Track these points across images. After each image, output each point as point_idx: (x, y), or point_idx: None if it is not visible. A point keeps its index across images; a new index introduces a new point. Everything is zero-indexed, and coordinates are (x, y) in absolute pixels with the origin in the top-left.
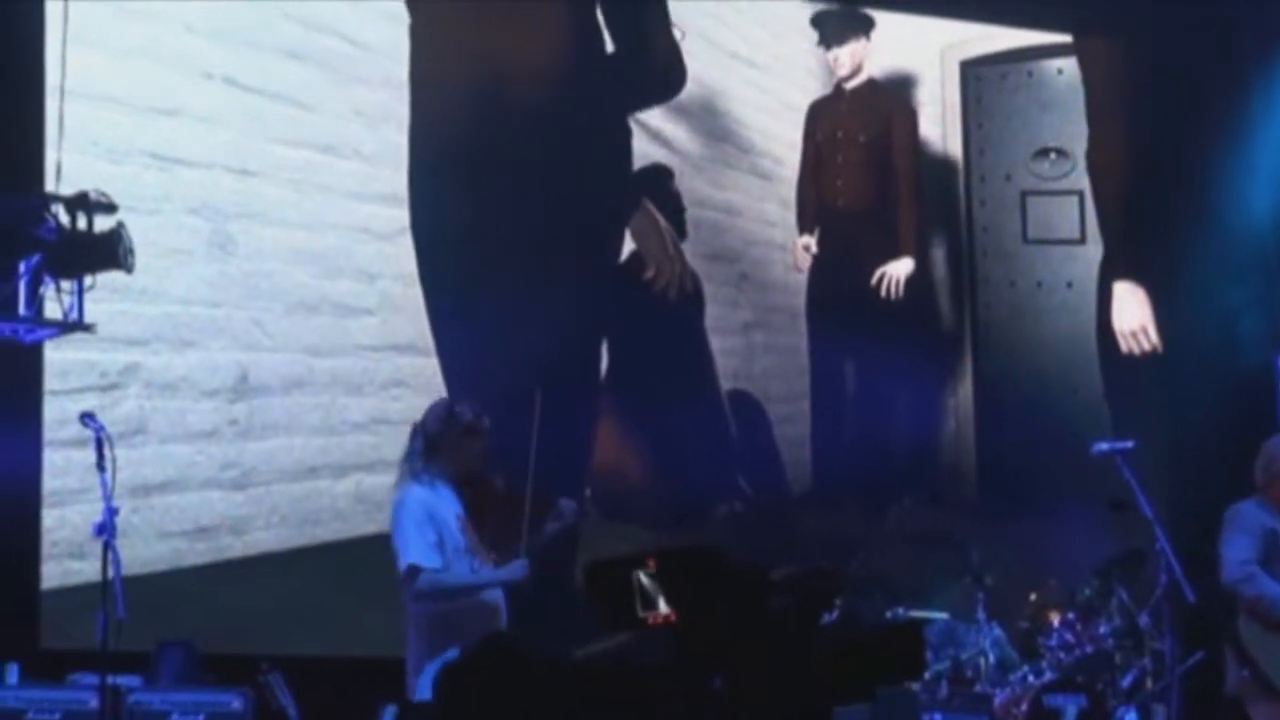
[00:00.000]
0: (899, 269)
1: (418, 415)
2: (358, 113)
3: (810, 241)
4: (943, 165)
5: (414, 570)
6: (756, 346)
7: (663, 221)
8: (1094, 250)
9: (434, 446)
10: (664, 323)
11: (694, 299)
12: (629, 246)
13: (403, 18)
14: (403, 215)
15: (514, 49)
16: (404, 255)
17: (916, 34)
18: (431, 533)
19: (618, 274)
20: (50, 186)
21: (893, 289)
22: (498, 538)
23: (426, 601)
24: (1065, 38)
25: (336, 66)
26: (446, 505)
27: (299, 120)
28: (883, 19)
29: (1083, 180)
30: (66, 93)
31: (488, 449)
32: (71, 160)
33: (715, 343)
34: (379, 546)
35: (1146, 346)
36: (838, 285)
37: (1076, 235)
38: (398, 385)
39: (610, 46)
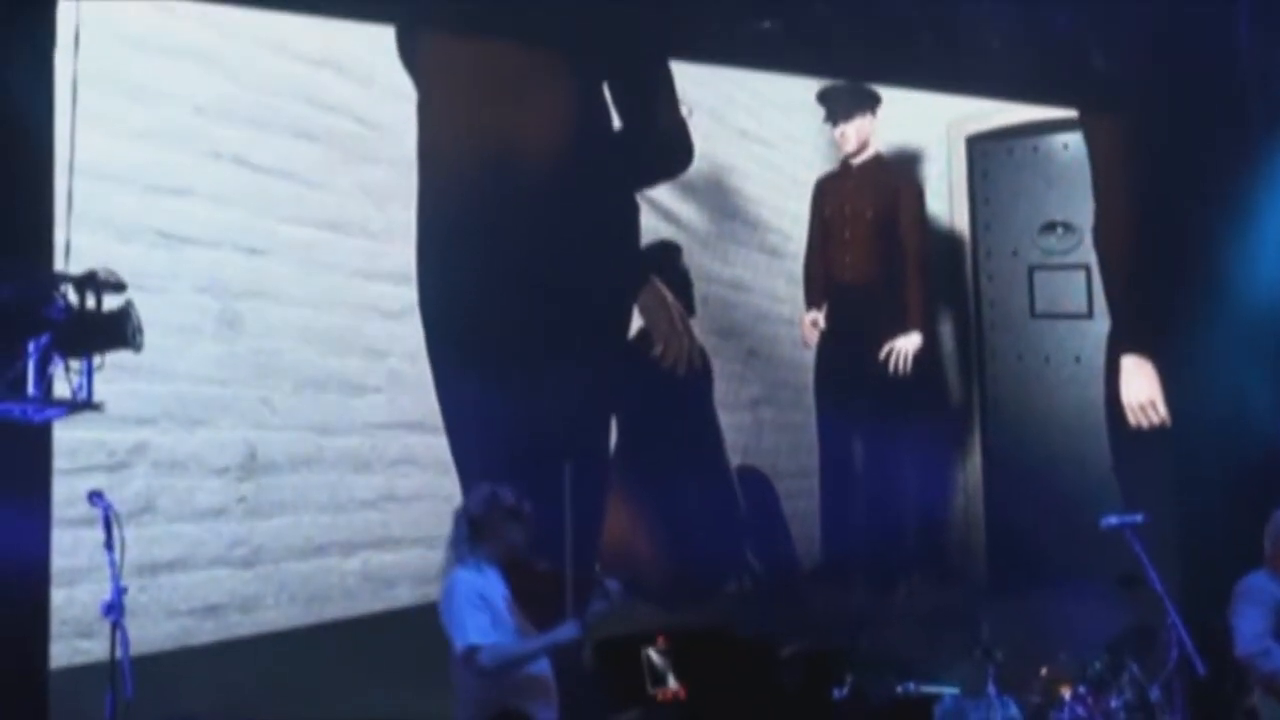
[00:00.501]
0: (907, 344)
1: (425, 493)
2: (365, 191)
3: (818, 317)
4: (950, 240)
5: (473, 650)
6: (765, 422)
7: (671, 298)
8: (1101, 324)
9: (478, 530)
10: (673, 399)
11: (703, 375)
12: (638, 323)
13: (410, 96)
14: (411, 293)
15: (522, 126)
16: (412, 333)
17: (923, 110)
18: (485, 612)
19: (627, 350)
20: (59, 265)
21: (901, 364)
22: (544, 619)
23: (489, 679)
24: (1070, 113)
25: (344, 145)
26: (494, 588)
27: (306, 199)
28: (889, 95)
29: (1089, 255)
30: (76, 172)
31: (531, 531)
32: (80, 239)
33: (724, 418)
34: (387, 624)
35: (1155, 420)
36: (846, 360)
37: (1084, 309)
38: (406, 463)
39: (618, 124)
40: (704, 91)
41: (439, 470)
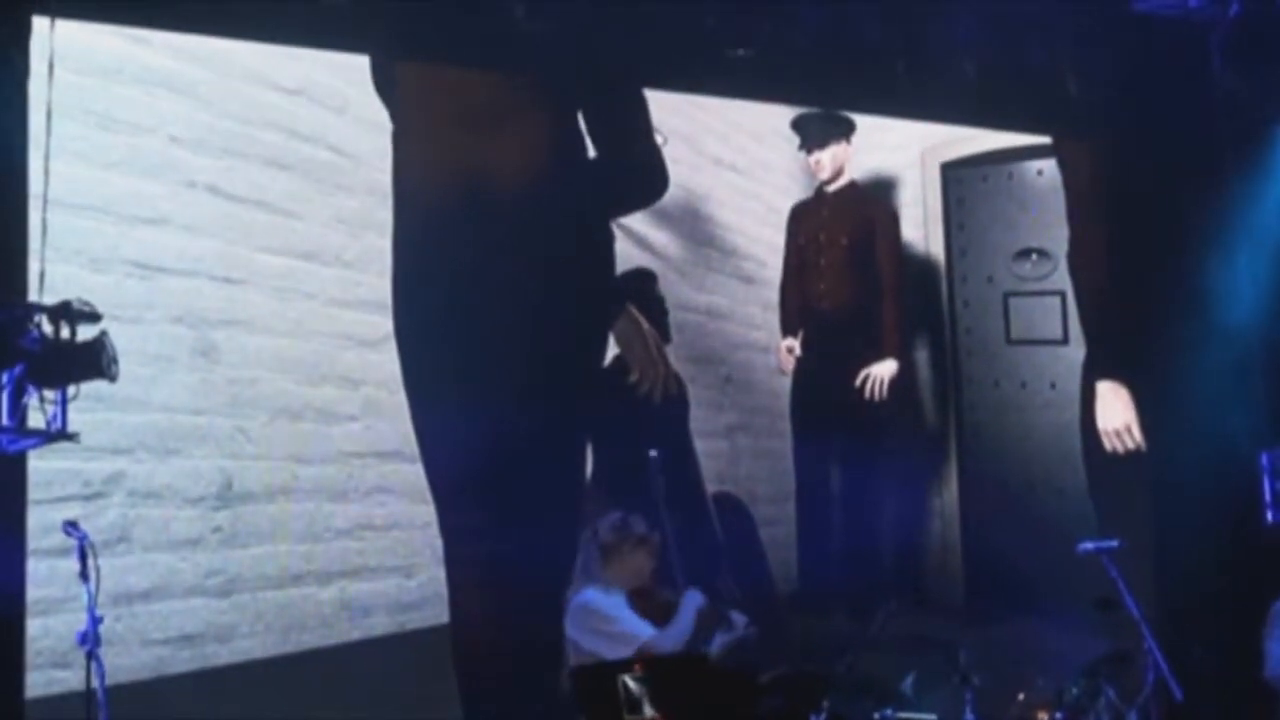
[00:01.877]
0: (883, 370)
1: (402, 521)
2: (340, 220)
3: (794, 344)
4: (925, 267)
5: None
6: (742, 449)
7: (646, 325)
8: (1077, 350)
9: (607, 556)
10: (648, 426)
11: (679, 402)
12: (613, 350)
13: (385, 125)
14: (386, 322)
15: (496, 154)
16: (387, 361)
17: (897, 137)
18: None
19: (602, 378)
20: (33, 296)
21: (876, 390)
22: None
23: None
24: (1045, 139)
25: (319, 174)
26: (619, 612)
27: (281, 228)
28: (863, 122)
29: (1064, 281)
30: (49, 202)
31: (657, 560)
32: (54, 270)
33: (700, 445)
34: (364, 653)
35: (1130, 445)
36: (821, 387)
37: (1059, 335)
38: (382, 491)
39: (593, 152)
40: (678, 119)
41: (415, 499)
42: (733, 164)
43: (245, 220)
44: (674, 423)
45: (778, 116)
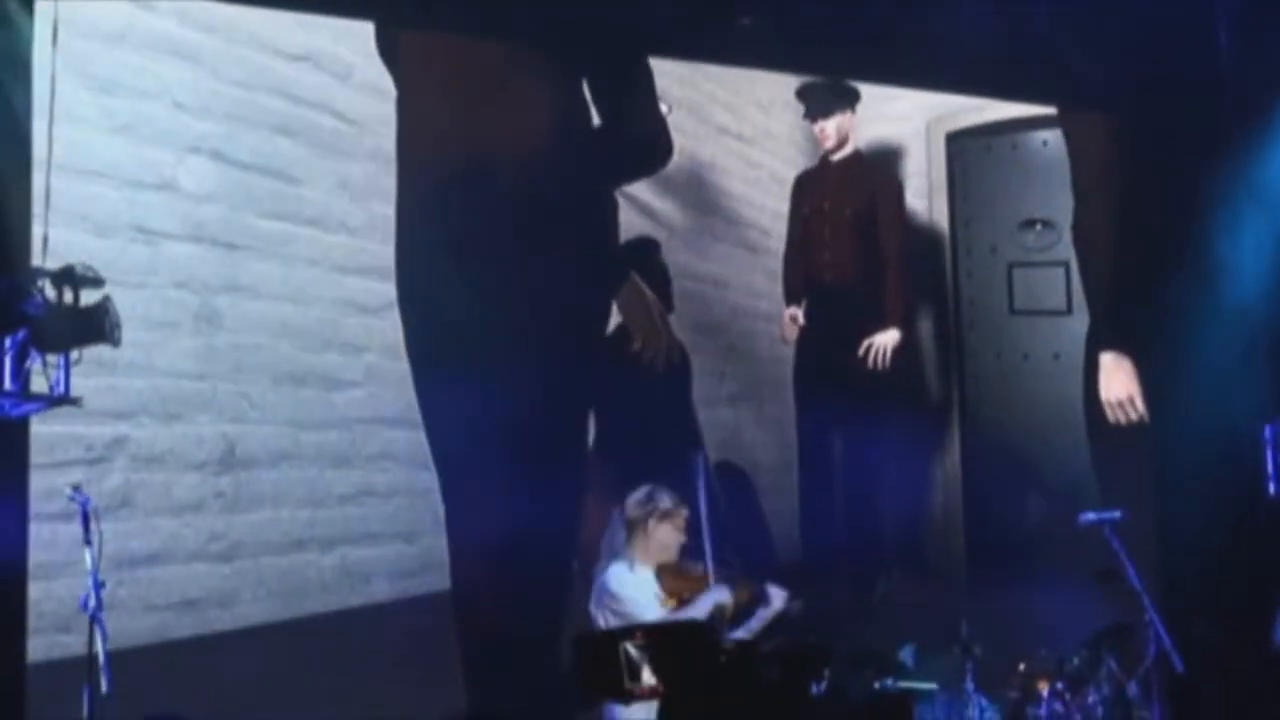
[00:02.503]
0: (885, 340)
1: (403, 488)
2: (344, 186)
3: (797, 313)
4: (929, 237)
5: None
6: (744, 418)
7: (650, 294)
8: (1080, 321)
9: (631, 531)
10: (651, 395)
11: (681, 371)
12: (616, 319)
13: (389, 92)
14: (389, 289)
15: (500, 122)
16: (390, 328)
17: (902, 106)
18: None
19: (605, 346)
20: (36, 260)
21: (879, 360)
22: None
23: None
24: (1050, 110)
25: (323, 140)
26: (644, 587)
27: (286, 194)
28: (868, 92)
29: (1068, 251)
30: (53, 167)
31: (685, 535)
32: (58, 234)
33: (702, 414)
34: (364, 619)
35: (1133, 416)
36: (824, 357)
37: (1063, 306)
38: (385, 458)
39: (598, 120)
40: (683, 88)
41: (417, 465)
42: (738, 133)
43: (249, 186)
44: (676, 391)
45: (783, 85)
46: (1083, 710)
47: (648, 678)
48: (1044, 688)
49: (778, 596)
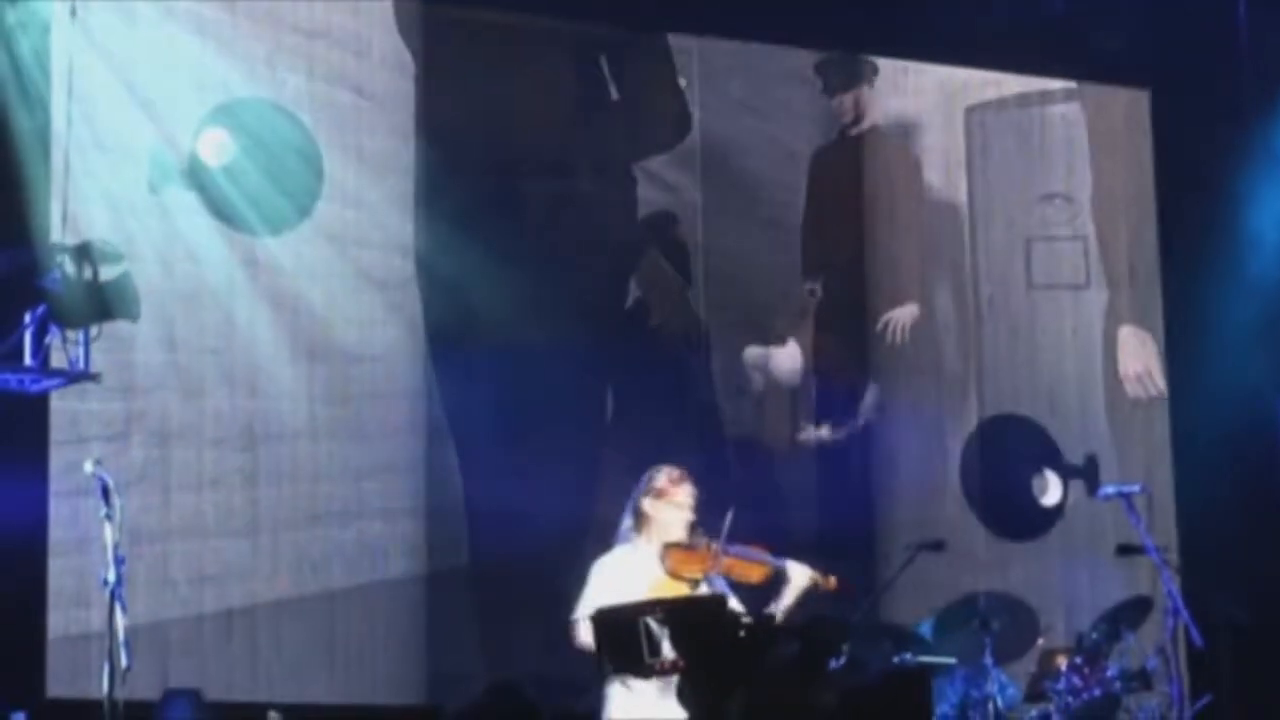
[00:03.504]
0: (904, 315)
1: (423, 463)
2: (363, 161)
3: (815, 287)
4: (947, 211)
5: (569, 623)
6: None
7: (669, 268)
8: (1098, 295)
9: (635, 513)
10: (669, 370)
11: (700, 346)
12: (636, 294)
13: (409, 68)
14: (408, 264)
15: (519, 98)
16: (410, 303)
17: (920, 81)
18: (609, 595)
19: (624, 321)
20: (56, 236)
21: (897, 335)
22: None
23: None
24: (1070, 84)
25: (342, 116)
26: (644, 568)
27: (304, 169)
28: (887, 66)
29: (1087, 226)
30: (73, 143)
31: (691, 514)
32: (77, 210)
33: (721, 389)
34: (383, 594)
35: (1152, 391)
36: (842, 331)
37: (1081, 280)
38: (403, 433)
39: (615, 95)
40: (701, 63)
41: (433, 440)
42: (756, 107)
43: (266, 161)
44: (694, 366)
45: (801, 60)
46: (1101, 684)
47: (668, 652)
48: (1062, 662)
49: (800, 573)
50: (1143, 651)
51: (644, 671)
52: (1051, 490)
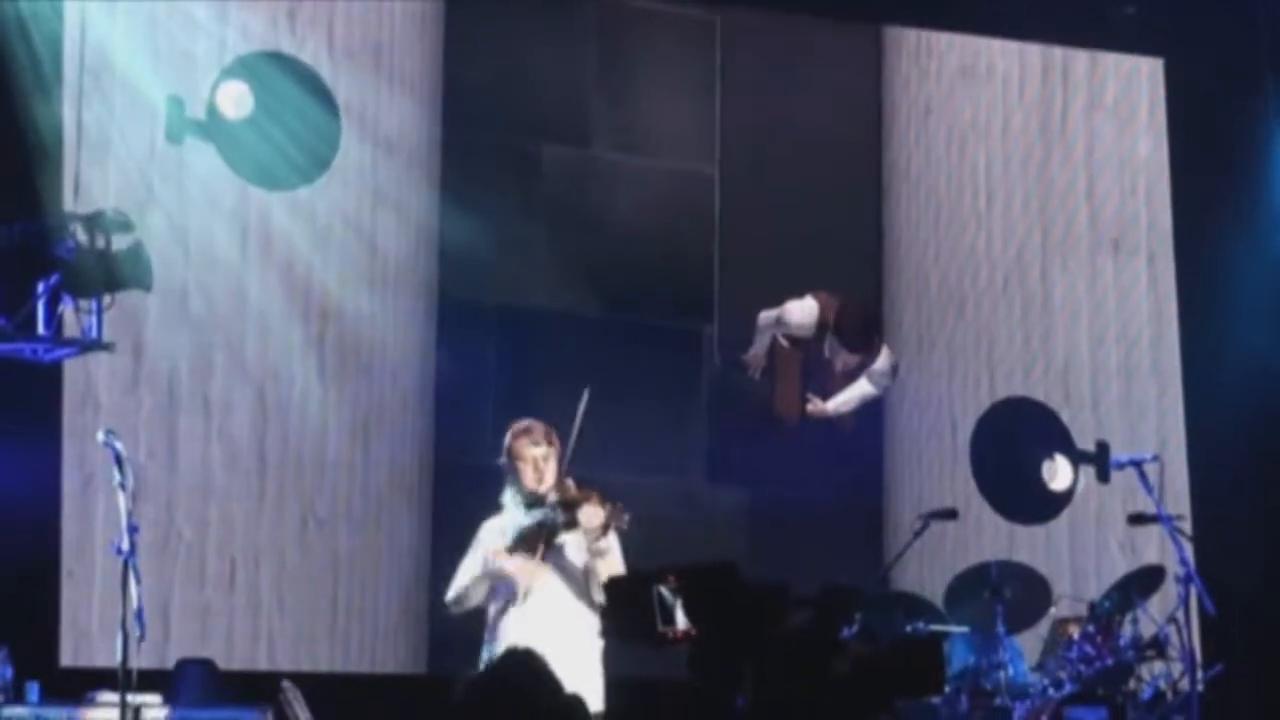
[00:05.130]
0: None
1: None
2: (381, 121)
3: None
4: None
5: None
6: None
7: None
8: (1114, 263)
9: (509, 464)
10: (681, 340)
11: (712, 317)
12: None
13: (431, 29)
14: (422, 223)
15: (542, 65)
16: (423, 263)
17: (941, 64)
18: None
19: (636, 291)
20: (68, 204)
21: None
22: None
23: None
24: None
25: (363, 75)
26: (512, 523)
27: (324, 125)
28: (909, 45)
29: (1104, 195)
30: (84, 110)
31: (559, 463)
32: (90, 177)
33: (733, 359)
34: (386, 553)
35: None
36: (859, 298)
37: (1096, 249)
38: (411, 393)
39: (636, 65)
40: (723, 34)
41: (443, 402)
42: (775, 80)
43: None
44: (707, 336)
45: (822, 32)
46: (1114, 653)
47: (681, 620)
48: (1075, 631)
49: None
50: (1155, 620)
51: (655, 640)
52: (1061, 475)
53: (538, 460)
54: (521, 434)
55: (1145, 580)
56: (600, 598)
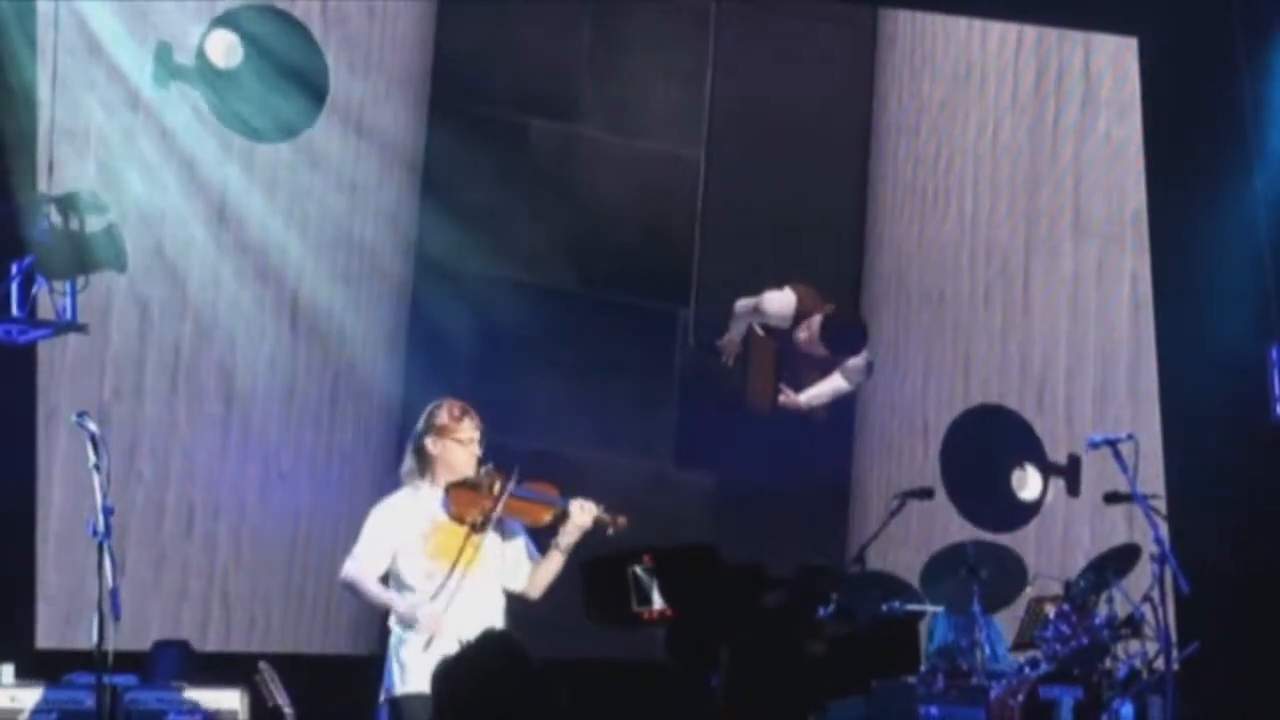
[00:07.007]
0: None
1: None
2: (369, 80)
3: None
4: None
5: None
6: None
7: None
8: (1090, 245)
9: (419, 447)
10: (657, 320)
11: (689, 299)
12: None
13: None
14: (407, 186)
15: (533, 37)
16: (404, 225)
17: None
18: (387, 541)
19: (615, 269)
20: (42, 186)
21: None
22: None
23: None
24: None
25: (353, 34)
26: (424, 510)
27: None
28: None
29: (1080, 173)
30: (58, 90)
31: (476, 450)
32: (63, 157)
33: (707, 343)
34: (353, 516)
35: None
36: (839, 294)
37: (1074, 229)
38: (383, 355)
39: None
40: (716, 17)
41: (414, 364)
42: (766, 63)
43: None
44: (683, 319)
45: (814, 16)
46: (1089, 632)
47: (658, 602)
48: (1050, 610)
49: (583, 511)
50: (1130, 600)
51: (631, 621)
52: (1031, 485)
53: (475, 442)
54: (463, 414)
55: (1121, 558)
56: (517, 587)
